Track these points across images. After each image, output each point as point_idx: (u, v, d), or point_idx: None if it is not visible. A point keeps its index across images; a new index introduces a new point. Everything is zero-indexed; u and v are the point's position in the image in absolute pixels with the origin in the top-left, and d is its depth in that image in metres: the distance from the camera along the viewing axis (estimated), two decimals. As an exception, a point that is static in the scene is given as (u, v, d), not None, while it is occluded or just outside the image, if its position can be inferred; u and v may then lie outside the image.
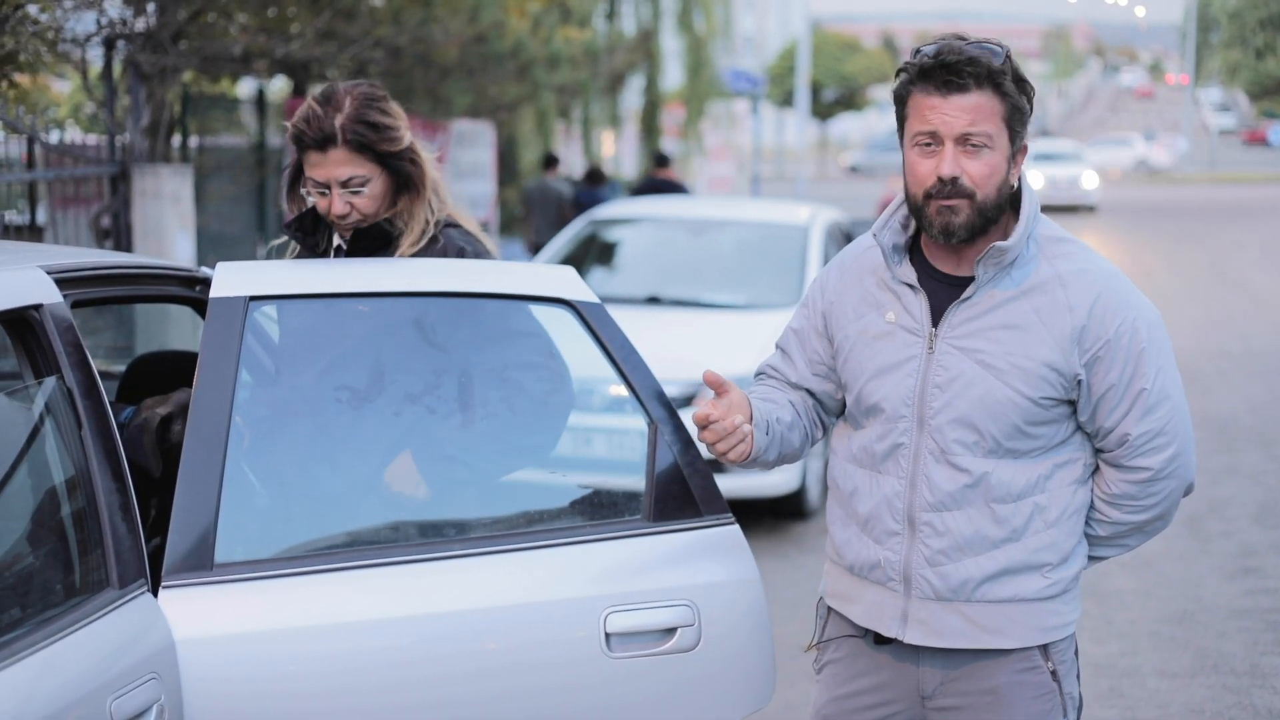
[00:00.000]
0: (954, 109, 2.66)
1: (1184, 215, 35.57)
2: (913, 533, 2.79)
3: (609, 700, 2.99)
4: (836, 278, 2.94)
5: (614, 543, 3.06)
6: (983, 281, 2.74)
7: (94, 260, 3.19)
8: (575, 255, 9.61)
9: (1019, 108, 2.69)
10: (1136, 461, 2.77)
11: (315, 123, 3.29)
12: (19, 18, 8.01)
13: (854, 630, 2.93)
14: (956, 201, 2.68)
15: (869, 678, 2.91)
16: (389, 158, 3.35)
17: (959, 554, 2.76)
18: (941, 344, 2.75)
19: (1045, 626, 2.80)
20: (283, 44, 11.62)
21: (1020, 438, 2.74)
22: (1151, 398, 2.73)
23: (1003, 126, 2.69)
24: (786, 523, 8.26)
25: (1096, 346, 2.71)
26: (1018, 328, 2.72)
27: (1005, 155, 2.70)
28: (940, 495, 2.76)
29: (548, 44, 19.57)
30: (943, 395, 2.74)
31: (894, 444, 2.79)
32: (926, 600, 2.79)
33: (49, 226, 8.41)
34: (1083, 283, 2.73)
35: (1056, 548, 2.78)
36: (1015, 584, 2.77)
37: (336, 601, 2.84)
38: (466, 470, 3.28)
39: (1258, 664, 5.93)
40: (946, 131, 2.67)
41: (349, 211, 3.35)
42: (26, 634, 2.47)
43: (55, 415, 2.74)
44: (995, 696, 2.81)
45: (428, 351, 3.28)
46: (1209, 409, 11.63)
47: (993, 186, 2.69)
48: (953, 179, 2.67)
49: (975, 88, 2.65)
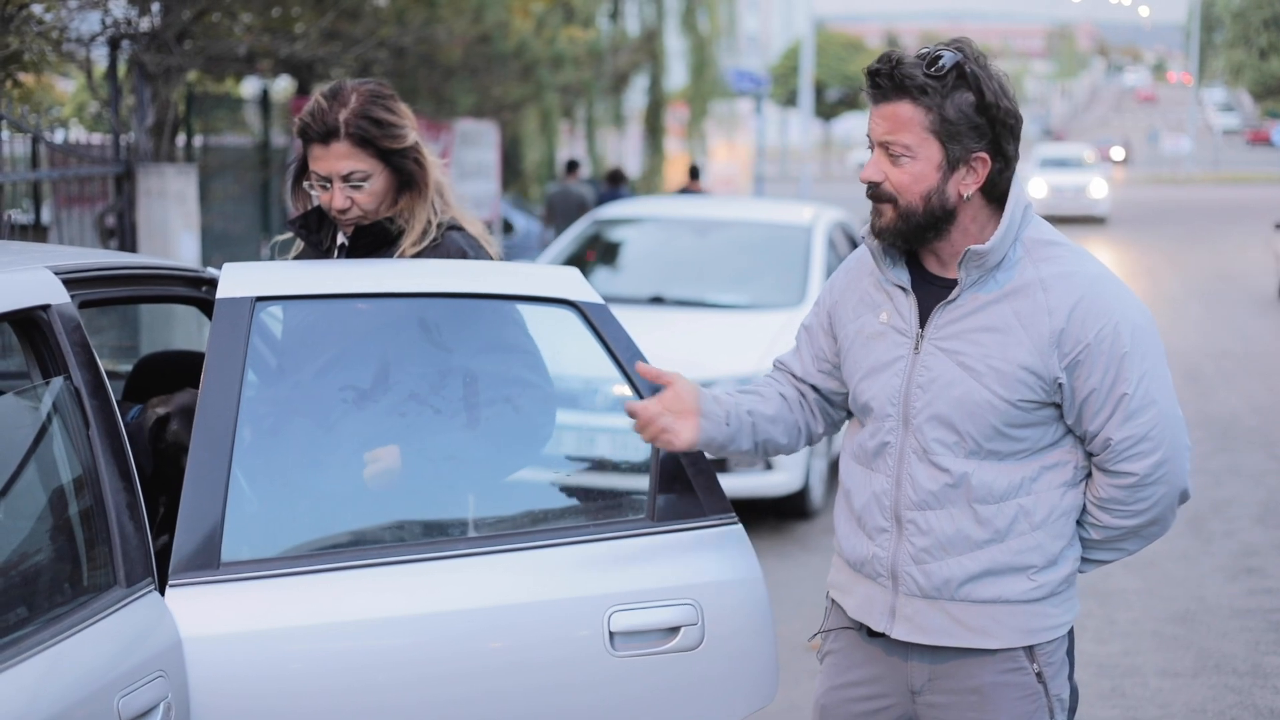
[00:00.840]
0: (878, 116, 2.74)
1: (1190, 218, 35.57)
2: (899, 530, 2.83)
3: (612, 699, 3.00)
4: (842, 278, 3.00)
5: (617, 542, 3.07)
6: (966, 284, 2.77)
7: (101, 261, 3.21)
8: (579, 255, 9.63)
9: (950, 120, 2.68)
10: (1120, 466, 2.76)
11: (320, 116, 3.33)
12: (24, 17, 8.03)
13: (850, 622, 2.97)
14: (881, 205, 2.77)
15: (864, 669, 2.95)
16: (391, 155, 3.36)
17: (941, 553, 2.79)
18: (926, 345, 2.79)
19: (1030, 628, 2.81)
20: (287, 44, 11.64)
21: (1000, 439, 2.75)
22: (1134, 403, 2.72)
23: (928, 137, 2.69)
24: (790, 522, 8.27)
25: (1076, 350, 2.71)
26: (997, 330, 2.74)
27: (934, 165, 2.71)
28: (923, 494, 2.79)
29: (551, 44, 19.59)
30: (924, 395, 2.78)
31: (882, 442, 2.84)
32: (913, 597, 2.83)
33: (54, 226, 8.43)
34: (1065, 286, 2.73)
35: (1042, 550, 2.79)
36: (999, 585, 2.78)
37: (342, 600, 2.85)
38: (470, 469, 3.30)
39: (1260, 664, 5.94)
40: (874, 137, 2.76)
41: (349, 206, 3.37)
42: (34, 632, 2.49)
43: (63, 415, 2.76)
44: (980, 696, 2.83)
45: (432, 352, 3.30)
46: (1211, 409, 11.63)
47: (915, 195, 2.72)
48: (872, 183, 2.76)
49: (895, 98, 2.70)
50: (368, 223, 3.41)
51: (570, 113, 24.35)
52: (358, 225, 3.45)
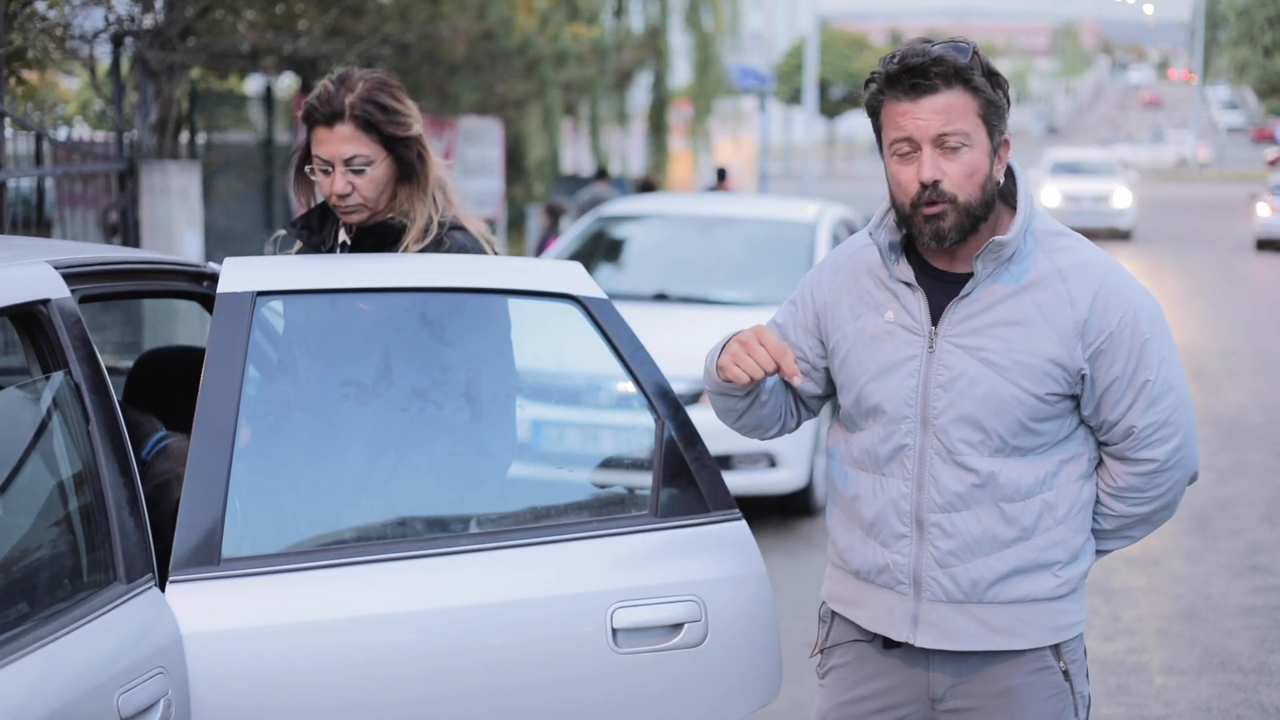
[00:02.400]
0: (926, 111, 2.64)
1: (1195, 214, 35.54)
2: (921, 535, 2.76)
3: (616, 695, 2.99)
4: (830, 278, 2.90)
5: (621, 538, 3.06)
6: (981, 277, 2.71)
7: (102, 255, 3.19)
8: (583, 252, 9.62)
9: (993, 102, 2.67)
10: (1142, 454, 2.75)
11: (326, 99, 3.36)
12: (27, 14, 8.02)
13: (860, 635, 2.89)
14: (941, 208, 2.66)
15: (876, 682, 2.87)
16: (394, 143, 3.37)
17: (969, 555, 2.73)
18: (942, 342, 2.73)
19: (1057, 626, 2.79)
20: (290, 41, 11.63)
21: (1026, 435, 2.72)
22: (1156, 389, 2.72)
23: (979, 123, 2.66)
24: (793, 519, 8.26)
25: (1100, 340, 2.70)
26: (1019, 324, 2.70)
27: (985, 152, 2.68)
28: (948, 496, 2.73)
29: (555, 41, 19.57)
30: (946, 395, 2.72)
31: (898, 445, 2.76)
32: (938, 603, 2.76)
33: (57, 223, 8.43)
34: (1083, 276, 2.71)
35: (1066, 545, 2.77)
36: (1027, 584, 2.75)
37: (343, 596, 2.84)
38: (473, 465, 3.29)
39: (1265, 661, 5.93)
40: (921, 135, 2.65)
41: (350, 191, 3.36)
42: (34, 628, 2.48)
43: (63, 410, 2.74)
44: (1008, 698, 2.79)
45: (435, 347, 3.29)
46: (1217, 407, 11.61)
47: (975, 186, 2.67)
48: (934, 182, 2.65)
49: (945, 87, 2.63)
50: (366, 214, 3.40)
51: (574, 110, 24.33)
52: (360, 227, 3.44)
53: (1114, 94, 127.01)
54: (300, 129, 13.05)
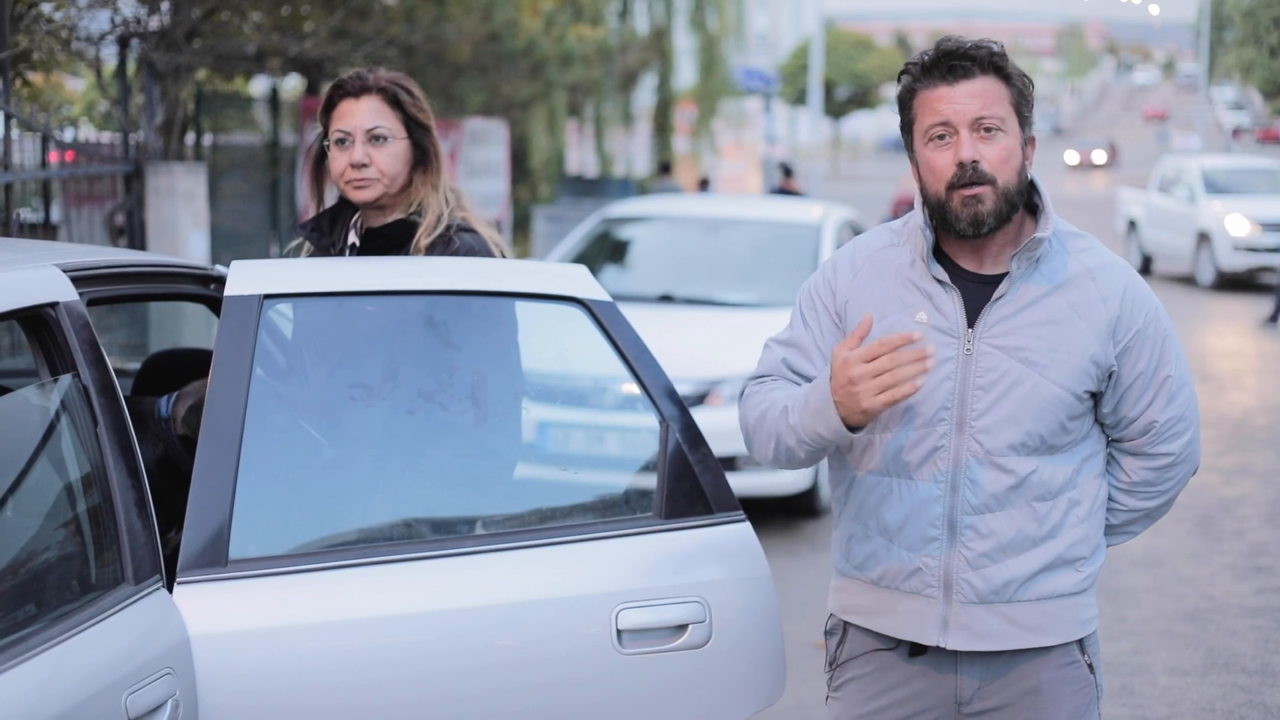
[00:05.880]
0: (964, 95, 2.67)
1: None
2: (952, 537, 2.74)
3: (620, 696, 3.00)
4: (848, 279, 2.83)
5: (626, 540, 3.07)
6: (1016, 277, 2.72)
7: (109, 258, 3.21)
8: (588, 254, 9.62)
9: (1024, 93, 2.72)
10: (1159, 448, 2.79)
11: (356, 76, 3.52)
12: (33, 16, 8.04)
13: (881, 644, 2.86)
14: (980, 189, 2.66)
15: (899, 690, 2.85)
16: (414, 126, 3.51)
17: (1002, 555, 2.73)
18: (980, 344, 2.71)
19: (1082, 620, 2.81)
20: (296, 42, 11.66)
21: (1061, 434, 2.74)
22: (1174, 384, 2.78)
23: (1012, 111, 2.69)
24: (798, 520, 8.26)
25: (1128, 337, 2.74)
26: (1057, 323, 2.71)
27: (1019, 140, 2.70)
28: (984, 497, 2.72)
29: (560, 42, 19.59)
30: (986, 396, 2.70)
31: (932, 448, 2.73)
32: (968, 604, 2.75)
33: (63, 224, 8.45)
34: (1110, 275, 2.76)
35: (1088, 541, 2.79)
36: (1054, 581, 2.76)
37: (350, 597, 2.85)
38: (479, 467, 3.30)
39: (1269, 662, 5.93)
40: (960, 119, 2.66)
41: (367, 163, 3.42)
42: (42, 629, 2.49)
43: (71, 412, 2.75)
44: (1037, 694, 2.79)
45: (441, 349, 3.30)
46: (1222, 408, 11.61)
47: (1011, 171, 2.68)
48: (973, 162, 2.65)
49: (981, 73, 2.68)
50: (379, 191, 3.47)
51: (579, 111, 24.35)
52: (369, 228, 3.47)
53: (1120, 94, 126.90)
54: (306, 130, 13.02)
